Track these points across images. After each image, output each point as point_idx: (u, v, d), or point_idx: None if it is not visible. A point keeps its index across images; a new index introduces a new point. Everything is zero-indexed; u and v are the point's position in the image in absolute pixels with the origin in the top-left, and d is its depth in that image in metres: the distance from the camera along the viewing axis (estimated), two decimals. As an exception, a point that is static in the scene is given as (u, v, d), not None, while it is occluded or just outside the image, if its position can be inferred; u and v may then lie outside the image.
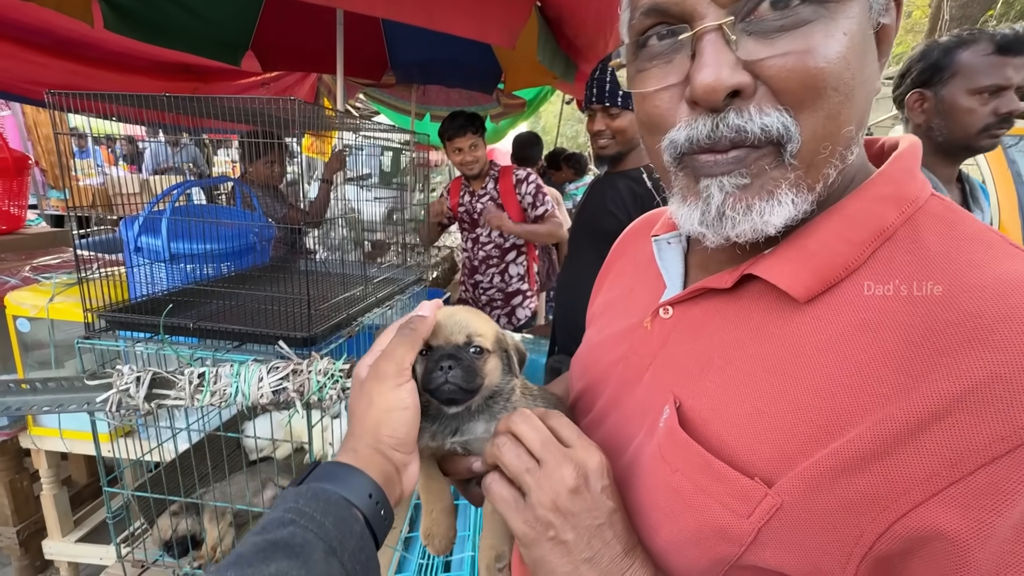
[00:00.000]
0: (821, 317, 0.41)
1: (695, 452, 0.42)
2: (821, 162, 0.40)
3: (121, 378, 0.95)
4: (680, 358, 0.49)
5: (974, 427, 0.32)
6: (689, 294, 0.50)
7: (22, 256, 1.92)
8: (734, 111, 0.38)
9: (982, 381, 0.33)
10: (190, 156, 5.98)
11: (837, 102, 0.38)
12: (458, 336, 0.52)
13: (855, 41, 0.38)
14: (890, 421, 0.35)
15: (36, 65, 2.80)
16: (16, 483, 1.89)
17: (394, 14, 1.70)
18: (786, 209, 0.40)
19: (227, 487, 1.25)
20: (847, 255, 0.41)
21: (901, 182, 0.43)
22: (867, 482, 0.35)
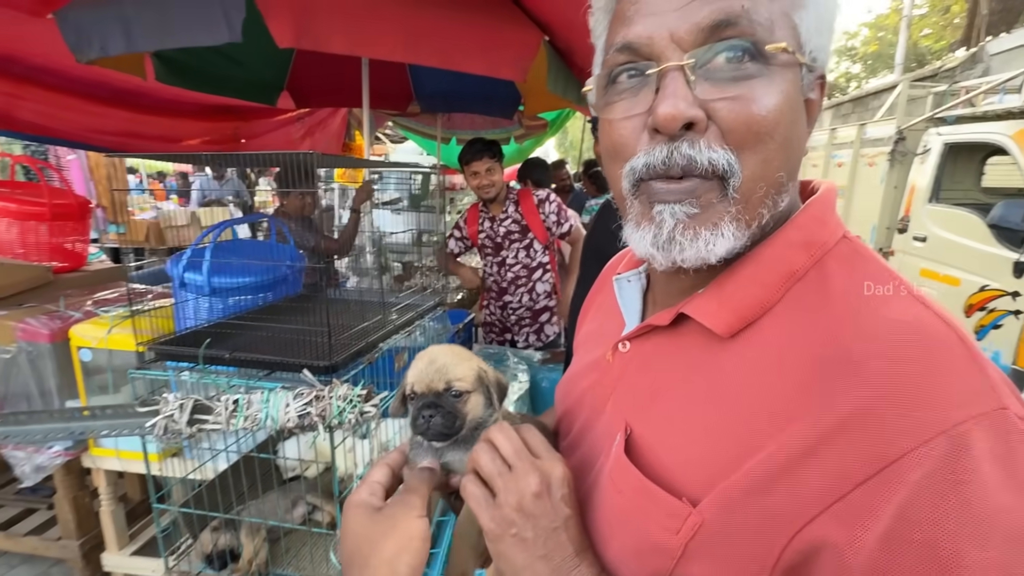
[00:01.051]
0: (742, 352, 0.46)
1: (635, 476, 0.47)
2: (757, 200, 0.45)
3: (167, 405, 1.06)
4: (634, 389, 0.54)
5: (850, 452, 0.37)
6: (640, 330, 0.56)
7: (85, 291, 2.12)
8: (687, 142, 0.43)
9: (855, 411, 0.37)
10: (234, 188, 6.36)
11: (772, 148, 0.44)
12: (438, 383, 0.58)
13: (790, 100, 0.44)
14: (787, 446, 0.39)
15: (96, 115, 3.09)
16: (79, 499, 2.06)
17: (412, 58, 1.82)
18: (727, 241, 0.45)
19: (262, 504, 1.35)
20: (761, 296, 0.46)
21: (810, 229, 0.48)
22: (772, 500, 0.39)
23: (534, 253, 2.66)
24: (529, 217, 2.60)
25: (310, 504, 1.44)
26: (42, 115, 2.87)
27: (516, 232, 2.64)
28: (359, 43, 1.74)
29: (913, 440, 0.35)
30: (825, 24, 0.46)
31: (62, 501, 2.04)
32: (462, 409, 0.58)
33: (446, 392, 0.58)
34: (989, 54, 7.28)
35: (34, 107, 2.78)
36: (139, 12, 1.71)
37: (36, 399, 1.82)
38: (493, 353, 2.47)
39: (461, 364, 0.60)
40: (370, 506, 0.52)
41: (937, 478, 0.34)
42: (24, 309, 1.90)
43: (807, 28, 0.45)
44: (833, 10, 0.47)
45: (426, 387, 0.58)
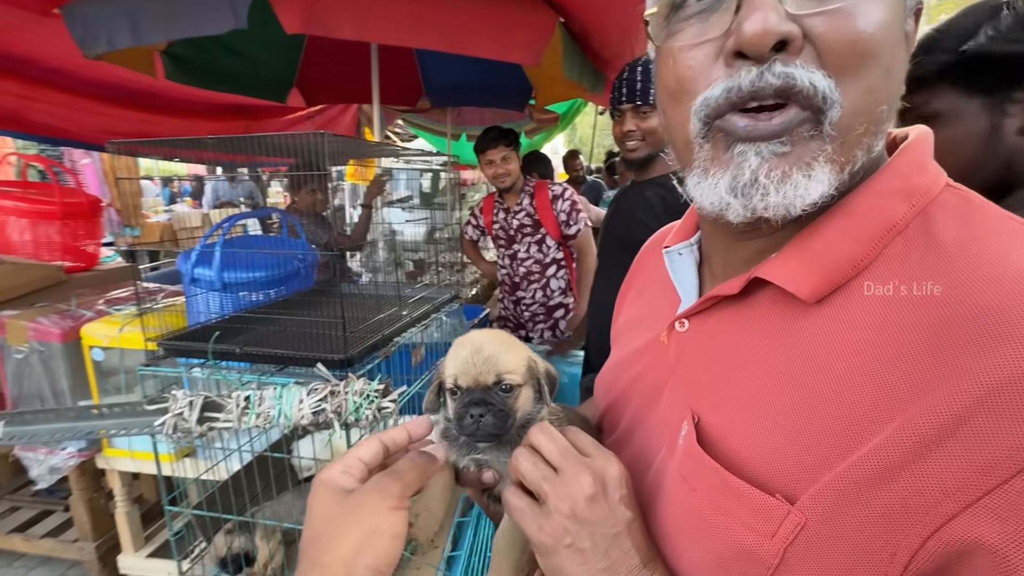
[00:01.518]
0: (833, 319, 0.39)
1: (712, 470, 0.40)
2: (855, 139, 0.38)
3: (176, 403, 1.01)
4: (696, 371, 0.47)
5: (1003, 431, 0.30)
6: (702, 304, 0.48)
7: (97, 290, 2.10)
8: (779, 63, 0.36)
9: (1005, 380, 0.30)
10: (246, 190, 6.38)
11: (878, 75, 0.37)
12: (487, 376, 0.51)
13: (897, 18, 0.37)
14: (912, 428, 0.33)
15: (110, 117, 3.09)
16: (94, 501, 2.04)
17: (421, 42, 1.77)
18: (820, 185, 0.37)
19: (277, 506, 1.30)
20: (853, 253, 0.39)
21: (909, 175, 0.41)
22: (895, 495, 0.33)
23: (547, 249, 2.59)
24: (542, 212, 2.53)
25: (326, 505, 1.38)
26: (56, 116, 2.88)
27: (529, 226, 2.57)
28: (367, 28, 1.68)
29: None
30: None
31: (78, 503, 2.02)
32: (513, 405, 0.51)
33: (496, 387, 0.51)
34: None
35: (48, 109, 2.78)
36: (145, 4, 1.68)
37: (49, 399, 1.80)
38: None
39: (510, 353, 0.53)
40: (339, 487, 0.43)
41: None
42: (36, 309, 1.88)
43: None
44: None
45: (473, 380, 0.51)
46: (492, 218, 2.68)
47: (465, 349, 0.52)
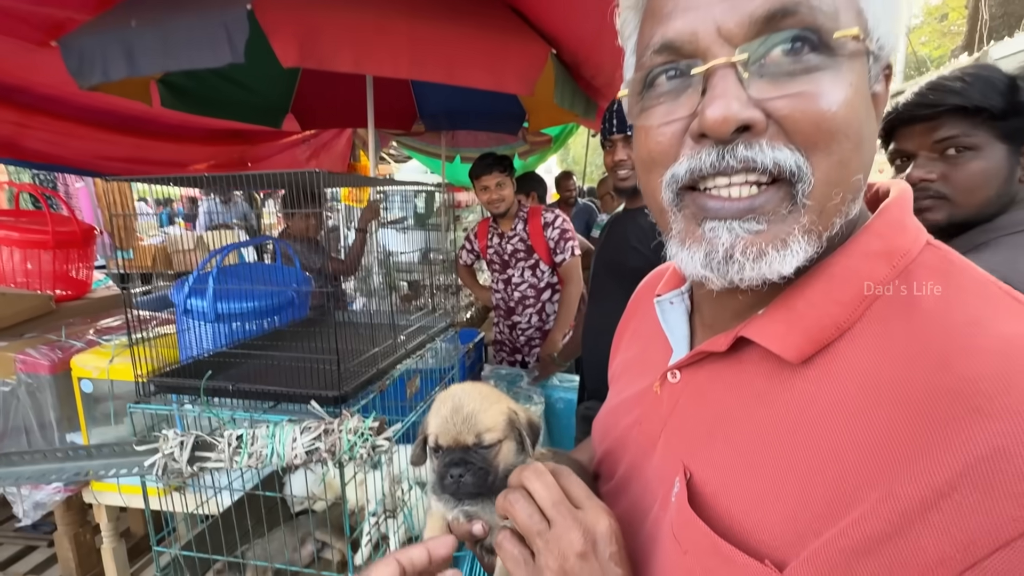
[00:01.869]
0: (818, 381, 0.39)
1: (702, 532, 0.40)
2: (832, 208, 0.39)
3: (166, 443, 0.99)
4: (689, 425, 0.47)
5: (983, 506, 0.30)
6: (692, 358, 0.49)
7: (87, 320, 2.08)
8: (743, 143, 0.38)
9: (985, 455, 0.31)
10: (241, 212, 6.38)
11: (848, 148, 0.38)
12: (467, 436, 0.52)
13: (860, 94, 0.39)
14: (896, 498, 0.33)
15: (103, 142, 3.10)
16: (80, 536, 1.99)
17: (418, 74, 1.79)
18: (797, 257, 0.38)
19: (268, 543, 1.27)
20: (837, 315, 0.40)
21: (890, 236, 0.41)
22: (879, 565, 0.33)
23: (541, 274, 2.59)
24: (535, 238, 2.54)
25: (319, 541, 1.35)
26: (49, 143, 2.88)
27: (522, 251, 2.59)
28: (364, 61, 1.71)
29: None
30: (892, 6, 0.40)
31: (62, 538, 1.97)
32: (494, 462, 0.52)
33: (475, 446, 0.52)
34: (993, 59, 7.25)
35: (41, 135, 2.79)
36: (141, 35, 1.69)
37: (35, 432, 1.76)
38: (505, 375, 2.39)
39: (490, 409, 0.53)
40: None
41: None
42: (25, 340, 1.85)
43: (874, 12, 0.39)
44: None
45: (452, 440, 0.52)
46: (487, 243, 2.70)
47: (445, 407, 0.53)
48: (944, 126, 0.97)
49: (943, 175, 0.98)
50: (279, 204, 3.81)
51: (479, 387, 0.56)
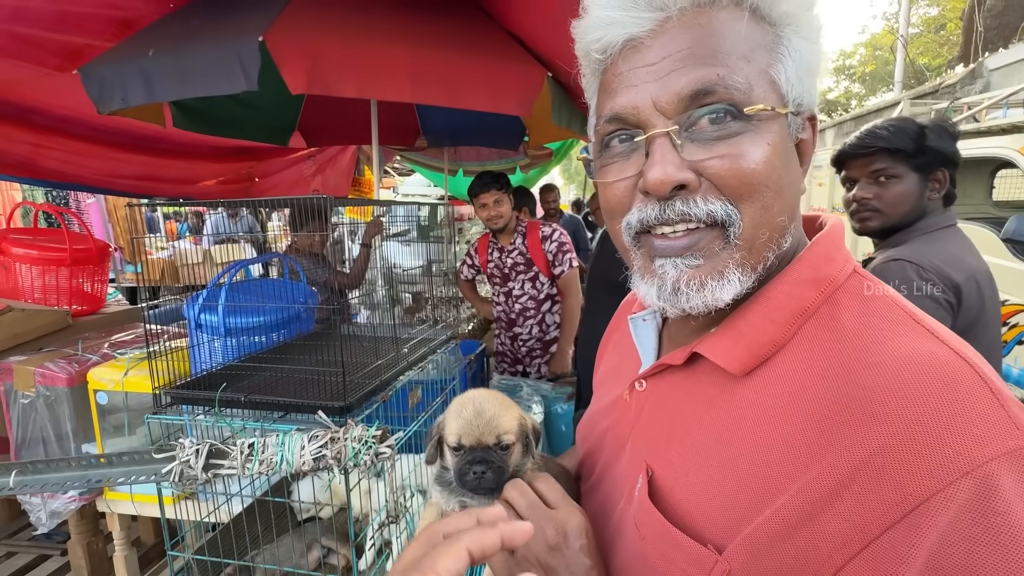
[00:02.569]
0: (756, 390, 0.46)
1: (657, 520, 0.47)
2: (761, 245, 0.46)
3: (183, 451, 1.06)
4: (652, 429, 0.54)
5: (873, 495, 0.36)
6: (655, 369, 0.55)
7: (102, 334, 2.15)
8: (680, 199, 0.45)
9: (875, 451, 0.37)
10: (247, 226, 6.49)
11: (769, 196, 0.45)
12: (489, 437, 0.58)
13: (778, 149, 0.45)
14: (808, 489, 0.39)
15: (116, 161, 3.20)
16: (92, 545, 2.04)
17: (420, 98, 1.87)
18: (733, 287, 0.46)
19: (276, 549, 1.33)
20: (773, 334, 0.46)
21: (818, 265, 0.48)
22: (798, 547, 0.39)
23: (540, 286, 2.66)
24: (533, 251, 2.62)
25: (325, 547, 1.41)
26: (64, 163, 2.98)
27: (522, 264, 2.66)
28: (368, 87, 1.79)
29: (936, 482, 0.34)
30: (807, 70, 0.47)
31: (76, 547, 2.02)
32: (508, 462, 0.58)
33: (495, 446, 0.58)
34: (988, 69, 7.33)
35: (56, 155, 2.88)
36: (159, 64, 1.79)
37: (52, 443, 1.83)
38: (507, 384, 2.45)
39: (507, 414, 0.60)
40: None
41: (967, 522, 0.33)
42: (43, 354, 1.92)
43: (788, 79, 0.46)
44: (816, 55, 0.47)
45: (476, 440, 0.58)
46: (487, 257, 2.77)
47: (468, 410, 0.59)
48: (876, 161, 1.39)
49: (877, 195, 1.40)
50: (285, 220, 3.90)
51: (495, 394, 0.62)
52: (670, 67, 0.44)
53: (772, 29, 0.45)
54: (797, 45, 0.46)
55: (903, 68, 11.67)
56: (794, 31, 0.46)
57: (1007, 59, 7.06)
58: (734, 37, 0.44)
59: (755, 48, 0.44)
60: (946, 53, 15.17)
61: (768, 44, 0.45)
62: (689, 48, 0.44)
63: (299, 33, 1.73)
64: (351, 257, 3.04)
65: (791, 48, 0.45)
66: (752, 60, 0.44)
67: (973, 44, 8.60)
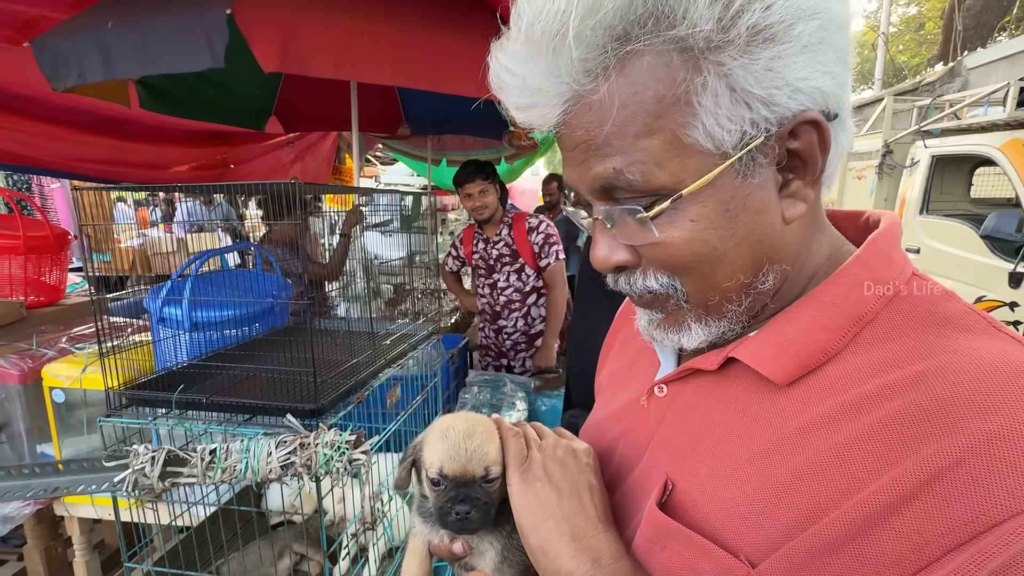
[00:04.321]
0: (804, 400, 0.42)
1: (678, 530, 0.43)
2: (715, 305, 0.45)
3: (137, 458, 0.97)
4: (674, 438, 0.49)
5: (940, 512, 0.33)
6: (680, 373, 0.51)
7: (60, 327, 2.02)
8: (623, 277, 0.47)
9: (947, 466, 0.33)
10: (223, 214, 6.28)
11: (706, 269, 0.43)
12: (476, 468, 0.50)
13: (709, 219, 0.41)
14: (863, 505, 0.35)
15: (79, 143, 3.03)
16: (51, 550, 1.93)
17: (402, 81, 1.79)
18: (698, 335, 0.46)
19: (244, 557, 1.25)
20: (825, 341, 0.42)
21: (876, 267, 0.43)
22: (843, 564, 0.35)
23: (526, 278, 2.60)
24: (519, 242, 2.56)
25: (297, 554, 1.34)
26: (24, 144, 2.81)
27: (507, 256, 2.59)
28: (347, 67, 1.70)
29: (1019, 502, 0.31)
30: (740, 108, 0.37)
31: (32, 552, 1.91)
32: (496, 497, 0.51)
33: (482, 479, 0.50)
34: (967, 68, 7.46)
35: (15, 136, 2.72)
36: (119, 38, 1.66)
37: (3, 444, 1.71)
38: (489, 380, 2.38)
39: (493, 440, 0.52)
40: None
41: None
42: (-6, 348, 1.80)
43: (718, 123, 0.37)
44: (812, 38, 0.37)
45: (462, 471, 0.50)
46: (472, 248, 2.69)
47: (452, 437, 0.51)
48: None
49: None
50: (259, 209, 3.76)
51: (479, 418, 0.54)
52: (580, 157, 0.42)
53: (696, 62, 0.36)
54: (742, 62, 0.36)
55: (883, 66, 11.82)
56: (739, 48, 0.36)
57: (985, 58, 7.20)
58: (633, 107, 0.38)
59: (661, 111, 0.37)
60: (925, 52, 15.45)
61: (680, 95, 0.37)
62: (587, 138, 0.41)
63: (271, 6, 1.62)
64: (329, 249, 2.94)
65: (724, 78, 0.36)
66: (655, 131, 0.38)
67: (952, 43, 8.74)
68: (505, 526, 0.53)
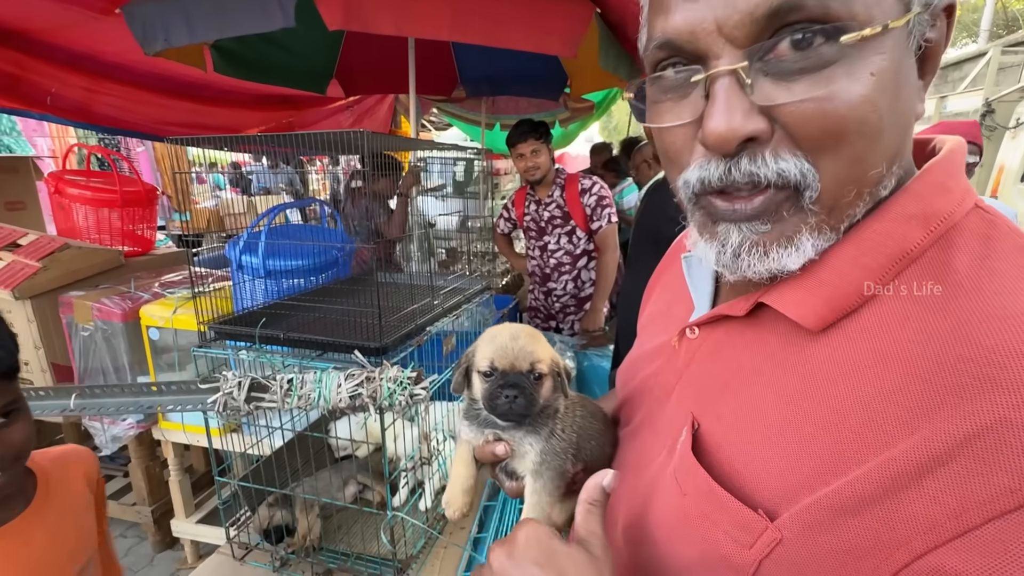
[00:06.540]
0: (836, 346, 0.39)
1: (702, 478, 0.42)
2: (845, 205, 0.38)
3: (226, 383, 1.09)
4: (702, 379, 0.49)
5: (980, 476, 0.30)
6: (709, 318, 0.50)
7: (153, 274, 2.24)
8: (747, 157, 0.37)
9: (989, 425, 0.30)
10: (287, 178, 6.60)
11: (862, 146, 0.35)
12: (523, 363, 0.56)
13: (885, 79, 0.35)
14: (893, 463, 0.33)
15: (163, 107, 3.26)
16: (150, 469, 2.21)
17: (458, 36, 1.79)
18: (804, 254, 0.38)
19: (315, 482, 1.38)
20: (861, 282, 0.38)
21: (930, 198, 0.39)
22: (867, 526, 0.33)
23: (577, 240, 2.59)
24: (571, 204, 2.53)
25: (361, 484, 1.46)
26: (117, 108, 3.06)
27: (559, 218, 2.58)
28: (406, 23, 1.72)
29: None
30: None
31: (136, 470, 2.19)
32: (540, 392, 0.57)
33: (528, 373, 0.56)
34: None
35: (109, 100, 2.96)
36: (198, 3, 1.76)
37: (111, 374, 1.95)
38: (539, 338, 2.43)
39: (540, 345, 0.58)
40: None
41: None
42: (99, 290, 2.02)
43: None
44: None
45: (510, 365, 0.56)
46: (524, 210, 2.70)
47: (502, 336, 0.57)
48: None
49: None
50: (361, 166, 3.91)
51: (528, 327, 0.60)
52: None
53: None
54: None
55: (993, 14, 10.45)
56: None
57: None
58: None
59: None
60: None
61: None
62: None
63: (336, -34, 1.66)
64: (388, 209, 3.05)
65: None
66: None
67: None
68: (543, 429, 0.58)
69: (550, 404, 0.59)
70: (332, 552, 1.31)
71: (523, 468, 0.59)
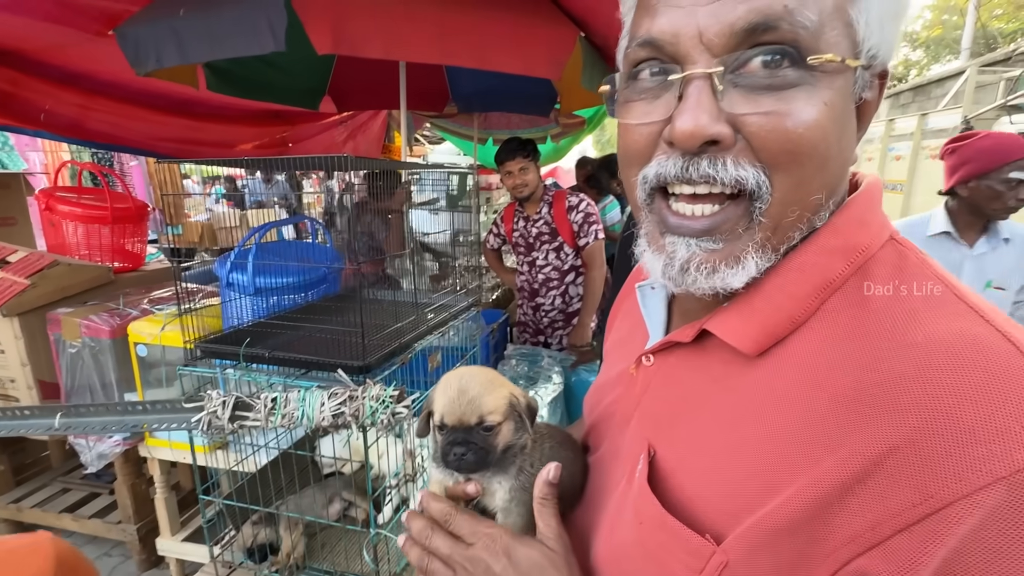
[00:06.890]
0: (769, 371, 0.41)
1: (655, 507, 0.44)
2: (788, 225, 0.41)
3: (210, 402, 1.10)
4: (657, 406, 0.50)
5: (890, 492, 0.33)
6: (661, 345, 0.51)
7: (142, 290, 2.25)
8: (708, 158, 0.39)
9: (896, 446, 0.33)
10: (282, 192, 6.62)
11: (811, 169, 0.39)
12: (469, 417, 0.55)
13: (835, 112, 0.38)
14: (818, 484, 0.35)
15: (157, 124, 3.29)
16: (136, 486, 2.19)
17: (447, 59, 1.83)
18: (748, 272, 0.41)
19: (300, 499, 1.39)
20: (790, 309, 0.41)
21: (849, 233, 0.42)
22: (800, 541, 0.36)
23: (565, 256, 2.63)
24: (559, 221, 2.58)
25: (346, 500, 1.47)
26: (110, 124, 3.09)
27: (547, 234, 2.62)
28: (394, 47, 1.76)
29: (964, 485, 0.31)
30: (892, 14, 0.40)
31: (121, 487, 2.17)
32: (493, 442, 0.56)
33: (477, 427, 0.55)
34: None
35: (103, 117, 2.98)
36: (190, 25, 1.79)
37: (98, 391, 1.95)
38: (527, 353, 2.45)
39: (493, 393, 0.56)
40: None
41: (992, 532, 0.30)
42: (88, 307, 2.03)
43: (867, 22, 0.39)
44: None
45: (457, 420, 0.55)
46: (512, 226, 2.74)
47: (452, 389, 0.56)
48: None
49: None
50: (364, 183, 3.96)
51: (484, 371, 0.59)
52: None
53: None
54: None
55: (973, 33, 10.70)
56: None
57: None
58: None
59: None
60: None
61: None
62: None
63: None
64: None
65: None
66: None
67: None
68: (511, 468, 0.57)
69: (513, 444, 0.58)
70: (316, 570, 1.31)
71: (493, 505, 0.59)
